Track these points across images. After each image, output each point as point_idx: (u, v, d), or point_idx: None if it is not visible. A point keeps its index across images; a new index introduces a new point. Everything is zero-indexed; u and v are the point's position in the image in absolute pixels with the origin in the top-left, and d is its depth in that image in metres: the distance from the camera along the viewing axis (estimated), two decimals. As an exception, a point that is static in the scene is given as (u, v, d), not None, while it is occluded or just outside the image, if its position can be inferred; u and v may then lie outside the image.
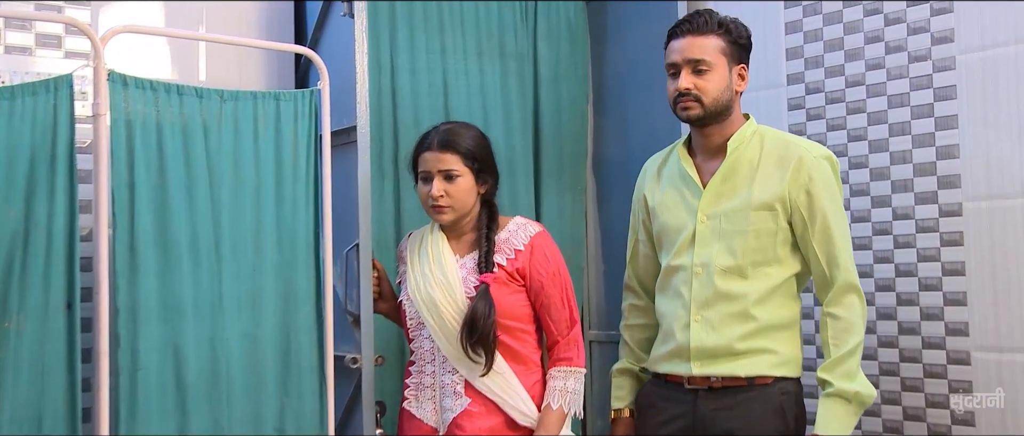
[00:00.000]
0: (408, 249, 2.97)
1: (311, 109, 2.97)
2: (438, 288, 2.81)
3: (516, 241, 2.86)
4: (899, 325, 3.14)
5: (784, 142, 2.75)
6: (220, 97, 2.81)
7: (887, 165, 3.18)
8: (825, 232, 2.67)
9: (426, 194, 2.83)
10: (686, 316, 2.73)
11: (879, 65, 3.21)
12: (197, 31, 3.43)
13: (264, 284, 2.84)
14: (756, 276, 2.70)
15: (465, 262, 2.86)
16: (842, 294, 2.66)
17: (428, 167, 2.84)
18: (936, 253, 3.07)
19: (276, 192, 2.88)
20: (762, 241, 2.70)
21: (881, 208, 3.19)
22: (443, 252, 2.87)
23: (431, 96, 3.52)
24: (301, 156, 2.93)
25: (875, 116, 3.22)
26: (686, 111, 2.72)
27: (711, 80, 2.70)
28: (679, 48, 2.73)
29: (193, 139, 2.74)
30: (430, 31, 3.56)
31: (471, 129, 2.89)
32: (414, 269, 2.89)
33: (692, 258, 2.74)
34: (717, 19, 2.73)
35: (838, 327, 2.64)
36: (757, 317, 2.68)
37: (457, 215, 2.86)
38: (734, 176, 2.74)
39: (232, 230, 2.79)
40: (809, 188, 2.67)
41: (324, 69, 2.98)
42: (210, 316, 2.74)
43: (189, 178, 2.72)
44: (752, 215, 2.69)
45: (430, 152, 2.83)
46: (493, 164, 2.92)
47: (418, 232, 3.00)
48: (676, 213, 2.82)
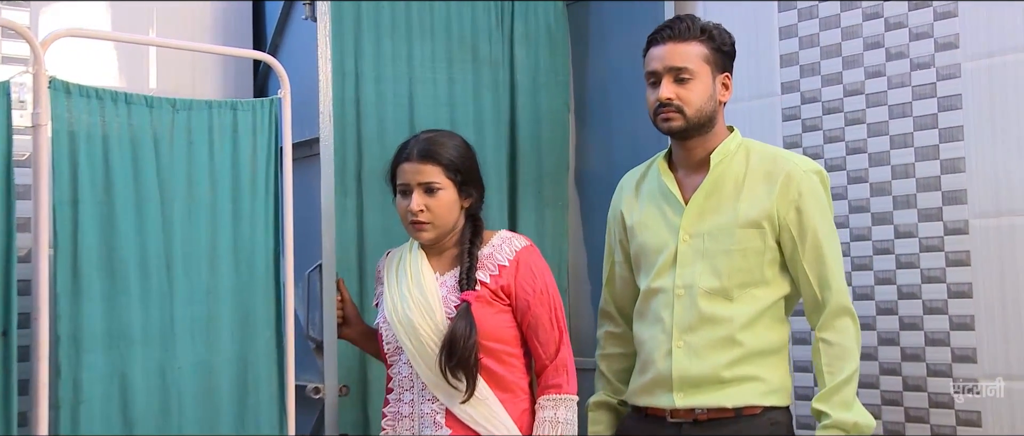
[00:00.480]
0: (385, 268, 2.92)
1: (270, 119, 2.95)
2: (416, 309, 2.76)
3: (500, 256, 2.81)
4: (902, 351, 3.13)
5: (771, 156, 2.75)
6: (172, 106, 2.79)
7: (888, 180, 3.18)
8: (816, 251, 2.67)
9: (405, 209, 2.77)
10: (667, 342, 2.72)
11: (879, 73, 3.21)
12: (147, 35, 3.42)
13: (220, 308, 2.82)
14: (742, 298, 2.69)
15: (445, 280, 2.81)
16: (834, 318, 2.65)
17: (407, 179, 2.78)
18: (941, 274, 3.06)
19: (233, 209, 2.86)
20: (749, 261, 2.69)
21: (882, 226, 3.19)
22: (422, 270, 2.81)
23: (396, 106, 3.50)
24: (260, 170, 2.92)
25: (875, 127, 3.21)
26: (667, 122, 2.71)
27: (694, 89, 2.70)
28: (659, 55, 2.73)
29: (142, 152, 2.72)
30: (397, 36, 3.54)
31: (454, 138, 2.85)
32: (391, 289, 2.84)
33: (673, 279, 2.73)
34: (699, 25, 2.74)
35: (832, 353, 2.63)
36: (743, 342, 2.67)
37: (438, 232, 2.80)
38: (718, 192, 2.74)
39: (185, 250, 2.77)
40: (799, 205, 2.67)
41: (285, 76, 2.96)
42: (160, 343, 2.71)
43: (138, 194, 2.70)
44: (738, 233, 2.69)
45: (409, 163, 2.77)
46: (478, 176, 2.88)
47: (397, 250, 2.96)
48: (656, 232, 2.81)
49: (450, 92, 3.63)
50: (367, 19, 3.49)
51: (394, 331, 2.79)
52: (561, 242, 3.83)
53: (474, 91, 3.67)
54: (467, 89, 3.66)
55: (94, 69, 3.29)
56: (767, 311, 2.70)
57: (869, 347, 3.17)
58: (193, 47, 3.22)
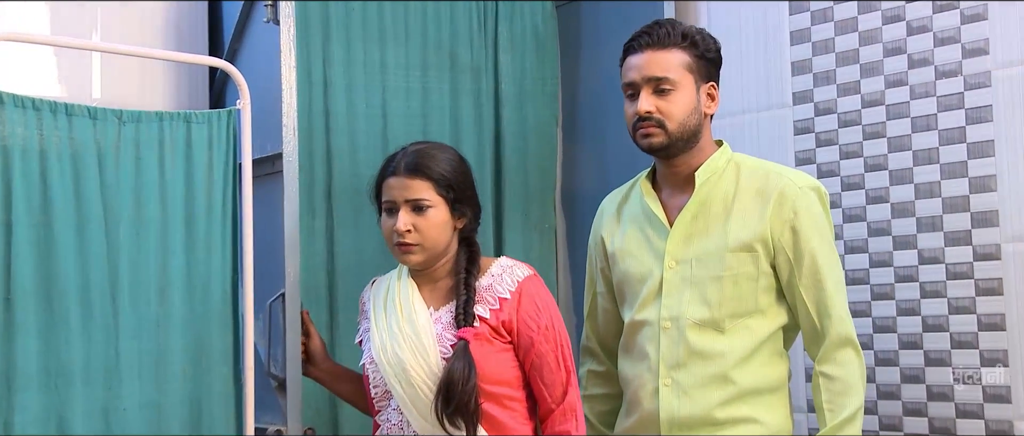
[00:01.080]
0: (371, 300, 2.86)
1: (228, 133, 2.93)
2: (408, 348, 2.69)
3: (501, 288, 2.74)
4: (928, 389, 3.11)
5: (764, 171, 2.75)
6: (118, 118, 2.76)
7: (911, 200, 3.17)
8: (814, 276, 2.66)
9: (390, 229, 2.72)
10: (654, 380, 2.71)
11: (901, 81, 3.20)
12: (90, 39, 3.40)
13: (170, 343, 2.79)
14: (735, 331, 2.68)
15: (440, 316, 2.74)
16: (835, 349, 2.64)
17: (393, 196, 2.72)
18: (970, 303, 3.04)
19: (186, 232, 2.84)
20: (741, 288, 2.68)
21: (904, 250, 3.17)
22: (414, 304, 2.75)
23: (369, 118, 3.49)
24: (216, 189, 2.89)
25: (897, 142, 3.21)
26: (647, 139, 2.72)
27: (676, 101, 2.70)
28: (637, 65, 2.73)
29: (85, 169, 2.69)
30: (369, 40, 3.53)
31: (446, 151, 2.80)
32: (378, 325, 2.78)
33: (659, 311, 2.72)
34: (681, 30, 2.74)
35: (833, 389, 2.61)
36: (738, 380, 2.66)
37: (428, 255, 2.74)
38: (706, 213, 2.73)
39: (132, 277, 2.74)
40: (794, 225, 2.66)
41: (244, 85, 2.94)
42: (104, 382, 2.67)
43: (79, 215, 2.67)
44: (728, 258, 2.68)
45: (396, 178, 2.72)
46: (473, 194, 2.83)
47: (384, 279, 2.88)
48: (639, 258, 2.80)
49: (424, 103, 3.61)
50: (336, 22, 3.47)
51: (382, 374, 2.72)
52: (548, 270, 3.80)
53: (453, 101, 3.66)
54: (444, 99, 3.64)
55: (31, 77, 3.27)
56: (764, 345, 2.69)
57: (890, 385, 3.15)
58: (142, 53, 3.18)
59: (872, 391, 3.18)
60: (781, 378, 2.72)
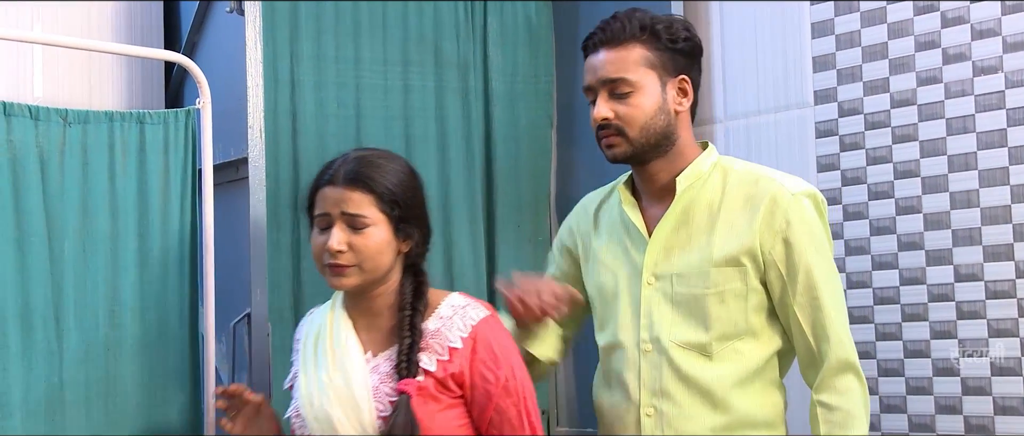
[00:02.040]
0: (303, 340, 2.69)
1: (187, 135, 2.93)
2: (338, 402, 2.52)
3: (450, 334, 2.55)
4: (966, 421, 3.12)
5: (753, 177, 2.69)
6: (63, 119, 2.76)
7: (946, 209, 3.17)
8: (809, 293, 2.60)
9: (321, 247, 2.54)
10: (634, 410, 2.66)
11: (935, 78, 3.21)
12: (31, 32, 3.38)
13: (122, 369, 2.79)
14: (724, 355, 2.62)
15: (379, 364, 2.56)
16: (835, 376, 2.58)
17: (327, 208, 2.54)
18: (1013, 326, 3.05)
19: (139, 246, 2.84)
20: (729, 307, 2.63)
21: (939, 266, 3.18)
22: (347, 348, 2.57)
23: (341, 119, 3.49)
24: (173, 197, 2.89)
25: (929, 146, 3.21)
26: (611, 149, 2.67)
27: (636, 104, 2.65)
28: (592, 66, 2.69)
29: (25, 175, 2.69)
30: (342, 33, 3.54)
31: (395, 160, 2.63)
32: (307, 373, 2.60)
33: (637, 332, 2.69)
34: (638, 21, 2.67)
35: (833, 420, 2.56)
36: (730, 408, 2.61)
37: (364, 280, 2.55)
38: (688, 223, 2.69)
39: (79, 297, 2.74)
40: (787, 236, 2.60)
41: (204, 83, 2.94)
42: (46, 414, 2.67)
43: (19, 227, 2.67)
44: (713, 273, 2.63)
45: (332, 188, 2.54)
46: (423, 213, 2.64)
47: (319, 311, 2.72)
48: (615, 271, 2.76)
49: (405, 102, 3.61)
50: (305, 14, 3.47)
51: (308, 428, 2.57)
52: (543, 285, 3.79)
53: (437, 100, 3.66)
54: (428, 98, 3.64)
55: (-36, 73, 3.25)
56: (759, 373, 2.63)
57: (924, 415, 3.15)
58: (89, 46, 3.19)
59: (904, 422, 3.18)
60: (778, 411, 2.67)
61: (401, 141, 3.57)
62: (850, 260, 3.34)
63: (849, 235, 3.35)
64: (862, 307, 3.30)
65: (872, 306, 3.29)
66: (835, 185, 3.38)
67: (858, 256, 3.32)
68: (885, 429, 3.25)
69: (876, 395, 3.26)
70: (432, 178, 3.59)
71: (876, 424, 3.26)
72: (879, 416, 3.26)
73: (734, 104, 3.65)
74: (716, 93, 3.69)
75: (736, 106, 3.64)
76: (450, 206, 3.64)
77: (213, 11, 3.40)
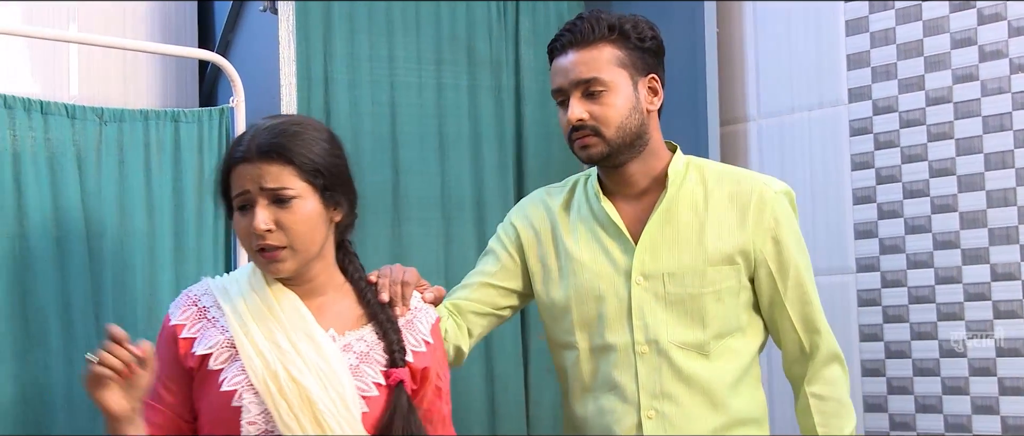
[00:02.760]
0: (225, 305, 2.33)
1: (221, 133, 2.95)
2: (313, 372, 2.26)
3: (422, 326, 2.45)
4: (1003, 421, 3.10)
5: (733, 176, 2.69)
6: (99, 117, 2.78)
7: (982, 208, 3.16)
8: (799, 289, 2.63)
9: (246, 231, 2.28)
10: (634, 413, 2.62)
11: (971, 76, 3.20)
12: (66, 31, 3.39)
13: None
14: (719, 353, 2.62)
15: (349, 343, 2.36)
16: (824, 366, 2.62)
17: (245, 186, 2.28)
18: (1051, 323, 3.05)
19: (174, 243, 2.85)
20: (724, 306, 2.63)
21: (975, 265, 3.17)
22: (306, 319, 2.32)
23: (375, 117, 3.48)
24: (208, 195, 2.91)
25: (965, 144, 3.20)
26: (586, 150, 2.64)
27: (610, 103, 2.62)
28: (562, 68, 2.66)
29: (63, 173, 2.70)
30: (375, 33, 3.53)
31: (311, 125, 2.39)
32: (252, 338, 2.28)
33: (631, 334, 2.67)
34: (606, 21, 2.66)
35: (827, 410, 2.60)
36: (729, 407, 2.60)
37: (300, 263, 2.32)
38: (674, 222, 2.67)
39: (117, 294, 2.75)
40: (776, 234, 2.62)
41: (238, 81, 2.96)
42: (87, 409, 2.66)
43: (58, 225, 2.67)
44: (710, 273, 2.62)
45: (247, 164, 2.28)
46: (348, 178, 2.42)
47: (224, 282, 2.39)
48: (596, 272, 2.73)
49: (439, 99, 3.61)
50: (338, 13, 3.47)
51: (273, 408, 2.24)
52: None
53: (470, 99, 3.66)
54: (461, 95, 3.64)
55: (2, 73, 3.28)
56: (749, 369, 2.65)
57: (961, 415, 3.14)
58: (124, 45, 3.19)
59: (939, 422, 3.17)
60: (763, 406, 2.69)
61: (435, 139, 3.57)
62: (884, 259, 3.33)
63: (883, 234, 3.34)
64: (897, 306, 3.29)
65: (907, 305, 3.27)
66: (870, 183, 3.36)
67: (893, 255, 3.31)
68: (920, 429, 3.24)
69: (912, 395, 3.25)
70: (466, 176, 3.60)
71: (911, 424, 3.25)
72: (914, 416, 3.25)
73: (768, 102, 3.63)
74: (750, 91, 3.68)
75: (770, 104, 3.63)
76: (483, 204, 3.63)
77: (247, 10, 3.40)
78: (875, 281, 3.35)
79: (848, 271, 3.40)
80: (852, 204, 3.40)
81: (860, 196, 3.39)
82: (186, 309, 2.31)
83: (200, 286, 2.36)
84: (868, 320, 3.35)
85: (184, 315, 2.31)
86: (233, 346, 2.26)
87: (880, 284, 3.33)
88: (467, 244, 3.52)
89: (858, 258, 3.39)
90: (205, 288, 2.35)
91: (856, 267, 3.39)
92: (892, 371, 3.29)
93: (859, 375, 3.36)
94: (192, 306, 2.32)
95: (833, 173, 3.45)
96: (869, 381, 3.35)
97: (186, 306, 2.32)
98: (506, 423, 3.59)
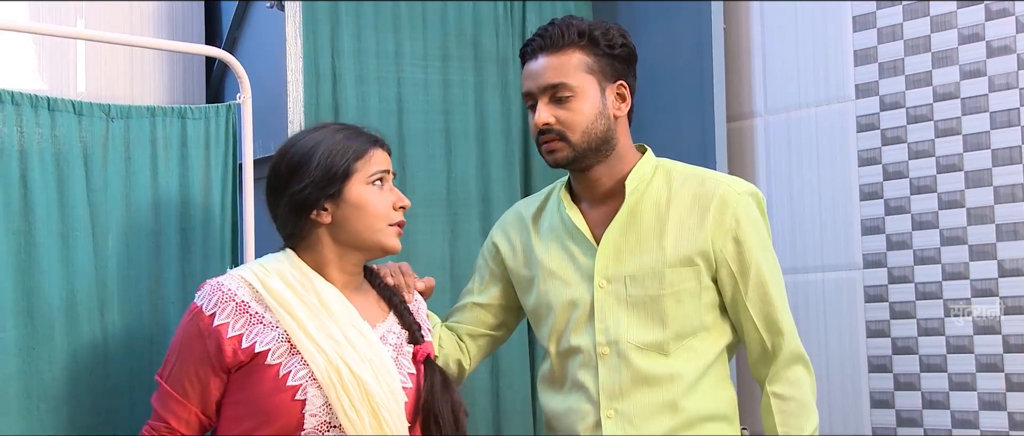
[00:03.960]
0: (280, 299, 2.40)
1: (228, 130, 2.94)
2: (367, 364, 2.39)
3: (422, 312, 2.67)
4: (1011, 418, 3.10)
5: (698, 177, 2.71)
6: (106, 114, 2.76)
7: (990, 204, 3.16)
8: (760, 290, 2.64)
9: (387, 206, 2.48)
10: (594, 412, 2.65)
11: (978, 71, 3.19)
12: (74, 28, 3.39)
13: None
14: (680, 353, 2.64)
15: (383, 335, 2.51)
16: (786, 367, 2.63)
17: (386, 165, 2.53)
18: (1058, 320, 3.04)
19: (181, 239, 2.84)
20: (684, 307, 2.65)
21: (982, 261, 3.16)
22: (350, 312, 2.45)
23: (383, 113, 3.48)
24: (215, 192, 2.90)
25: (973, 139, 3.20)
26: (552, 154, 2.67)
27: (576, 109, 2.65)
28: (532, 73, 2.69)
29: (69, 170, 2.69)
30: (382, 29, 3.53)
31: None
32: (310, 333, 2.38)
33: (593, 336, 2.68)
34: (577, 27, 2.68)
35: (788, 410, 2.61)
36: (686, 407, 2.62)
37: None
38: (637, 225, 2.69)
39: (123, 291, 2.74)
40: (737, 234, 2.63)
41: (245, 78, 2.94)
42: (90, 406, 2.67)
43: (64, 222, 2.67)
44: (668, 274, 2.64)
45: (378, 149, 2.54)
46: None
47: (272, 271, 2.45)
48: (564, 278, 2.74)
49: (445, 96, 3.61)
50: (345, 9, 3.46)
51: (336, 401, 2.35)
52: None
53: (477, 95, 3.66)
54: (468, 92, 3.64)
55: (8, 69, 3.28)
56: (712, 367, 2.66)
57: (968, 411, 3.14)
58: (131, 41, 3.18)
59: (946, 418, 3.17)
60: (732, 403, 2.70)
61: (441, 135, 3.57)
62: (892, 255, 3.32)
63: (891, 230, 3.33)
64: (904, 302, 3.29)
65: (914, 301, 3.27)
66: (877, 179, 3.36)
67: (900, 251, 3.30)
68: (928, 425, 3.23)
69: (919, 391, 3.24)
70: (472, 172, 3.61)
71: (918, 419, 3.24)
72: (921, 412, 3.24)
73: (775, 98, 3.63)
74: (756, 87, 3.68)
75: (777, 100, 3.62)
76: (489, 200, 3.63)
77: (253, 7, 3.41)
78: (882, 277, 3.34)
79: (855, 267, 3.40)
80: (859, 200, 3.40)
81: (867, 192, 3.38)
82: (225, 306, 2.36)
83: (231, 280, 2.40)
84: (875, 316, 3.34)
85: (226, 314, 2.36)
86: (288, 341, 2.35)
87: (887, 280, 3.33)
88: (473, 240, 3.52)
89: (865, 254, 3.38)
90: (236, 283, 2.40)
91: (863, 263, 3.38)
92: (899, 367, 3.28)
93: (866, 371, 3.36)
94: (230, 302, 2.37)
95: (840, 169, 3.44)
96: (876, 377, 3.34)
97: (224, 303, 2.37)
98: (511, 421, 3.59)
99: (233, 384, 2.37)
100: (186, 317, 2.40)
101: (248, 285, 2.40)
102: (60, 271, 2.65)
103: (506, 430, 3.58)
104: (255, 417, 2.35)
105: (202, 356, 2.35)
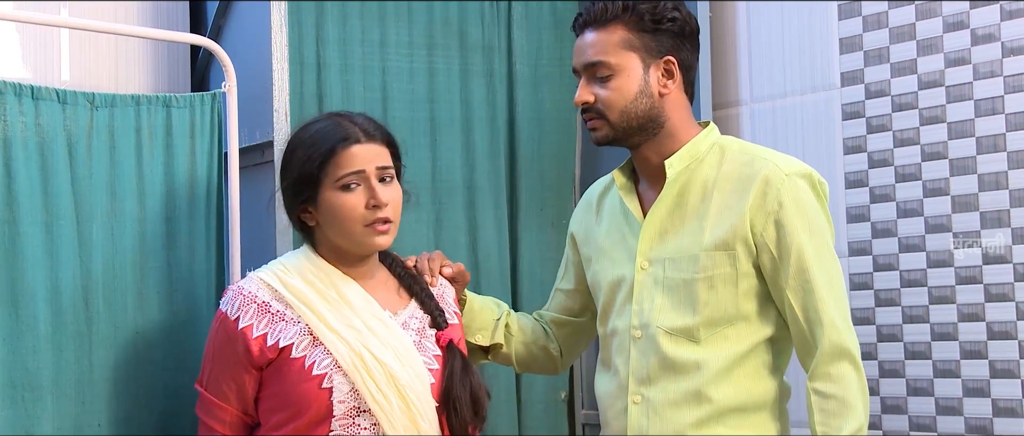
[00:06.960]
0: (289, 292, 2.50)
1: (213, 119, 2.93)
2: (390, 351, 2.47)
3: (449, 298, 2.71)
4: (994, 405, 3.10)
5: (749, 157, 2.62)
6: (90, 103, 2.76)
7: (974, 191, 3.15)
8: (801, 276, 2.51)
9: (361, 207, 2.49)
10: (623, 397, 2.62)
11: (963, 59, 3.18)
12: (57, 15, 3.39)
13: (150, 352, 2.79)
14: (712, 341, 2.55)
15: (406, 321, 2.58)
16: (828, 363, 2.48)
17: (361, 166, 2.51)
18: (1042, 307, 3.04)
19: (166, 229, 2.84)
20: (718, 293, 2.56)
21: (966, 248, 3.16)
22: (368, 301, 2.54)
23: (368, 102, 3.48)
24: (200, 181, 2.89)
25: (957, 127, 3.19)
26: (594, 133, 2.65)
27: (616, 87, 2.60)
28: (578, 48, 2.68)
29: (53, 159, 2.68)
30: (367, 18, 3.53)
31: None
32: (331, 325, 2.47)
33: (629, 318, 2.65)
34: (621, 3, 2.62)
35: (827, 409, 2.47)
36: (714, 397, 2.53)
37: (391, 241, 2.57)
38: (683, 206, 2.63)
39: (107, 280, 2.74)
40: (779, 217, 2.52)
41: (230, 66, 2.94)
42: (75, 396, 2.67)
43: (48, 211, 2.66)
44: (702, 258, 2.56)
45: (361, 146, 2.54)
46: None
47: (293, 268, 2.55)
48: (613, 258, 2.71)
49: (431, 84, 3.60)
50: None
51: (362, 385, 2.43)
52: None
53: (462, 83, 3.66)
54: (453, 80, 3.64)
55: (-9, 57, 3.25)
56: (747, 357, 2.55)
57: (952, 398, 3.14)
58: (116, 29, 3.19)
59: (930, 405, 3.17)
60: (769, 395, 2.58)
61: (426, 124, 3.57)
62: (877, 242, 3.32)
63: (875, 217, 3.33)
64: (889, 290, 3.28)
65: (899, 289, 3.27)
66: (862, 167, 3.35)
67: (885, 238, 3.30)
68: (912, 412, 3.23)
69: (904, 378, 3.24)
70: (457, 161, 3.61)
71: (902, 406, 3.24)
72: (906, 400, 3.24)
73: (760, 86, 3.62)
74: (742, 75, 3.67)
75: (762, 88, 3.62)
76: (475, 189, 3.64)
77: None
78: (867, 265, 3.34)
79: (841, 255, 3.39)
80: (844, 188, 3.39)
81: (852, 180, 3.38)
82: (247, 308, 2.47)
83: (250, 284, 2.50)
84: (860, 304, 3.34)
85: (249, 316, 2.46)
86: (311, 334, 2.45)
87: (872, 268, 3.33)
88: (458, 229, 3.52)
89: (850, 242, 3.38)
90: (256, 285, 2.50)
91: (848, 251, 3.38)
92: (884, 354, 3.28)
93: (851, 359, 3.36)
94: (252, 304, 2.47)
95: (825, 157, 3.44)
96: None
97: (246, 305, 2.47)
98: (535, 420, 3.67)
99: (266, 380, 2.47)
100: (215, 323, 2.51)
101: (267, 285, 2.50)
102: (44, 260, 2.64)
103: (527, 429, 3.60)
104: (287, 408, 2.44)
105: (234, 359, 2.46)
